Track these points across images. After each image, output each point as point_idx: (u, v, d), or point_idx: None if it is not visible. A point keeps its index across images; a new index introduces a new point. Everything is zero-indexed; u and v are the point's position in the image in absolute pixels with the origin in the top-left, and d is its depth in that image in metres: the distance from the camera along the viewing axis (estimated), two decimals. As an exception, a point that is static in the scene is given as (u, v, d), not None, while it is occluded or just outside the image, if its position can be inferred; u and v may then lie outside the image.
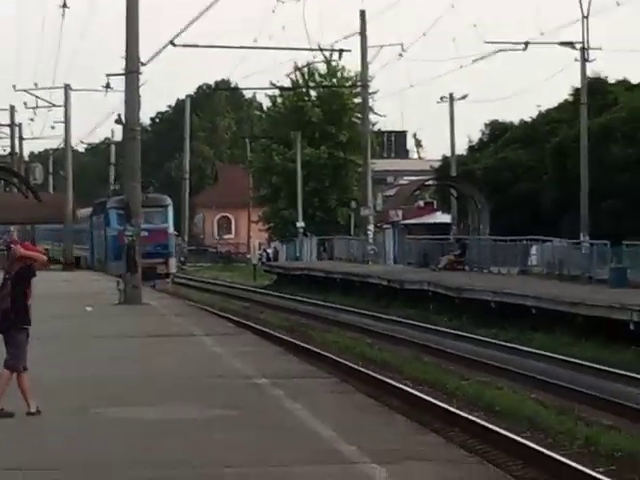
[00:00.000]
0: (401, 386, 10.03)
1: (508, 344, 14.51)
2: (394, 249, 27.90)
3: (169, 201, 28.76)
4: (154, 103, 51.75)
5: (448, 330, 16.78)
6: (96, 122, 45.85)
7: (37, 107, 33.01)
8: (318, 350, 13.66)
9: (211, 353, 10.34)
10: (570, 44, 20.37)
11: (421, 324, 17.56)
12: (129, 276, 17.69)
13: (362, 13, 28.51)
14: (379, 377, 10.89)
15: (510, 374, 11.70)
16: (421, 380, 11.04)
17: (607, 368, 11.28)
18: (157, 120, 54.77)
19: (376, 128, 37.34)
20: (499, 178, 23.13)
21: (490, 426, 7.00)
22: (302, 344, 14.55)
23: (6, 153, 36.70)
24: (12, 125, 36.15)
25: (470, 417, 7.57)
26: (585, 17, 18.99)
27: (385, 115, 37.37)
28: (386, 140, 44.60)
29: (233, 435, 4.37)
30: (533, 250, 20.77)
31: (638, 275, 16.95)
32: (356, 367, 11.83)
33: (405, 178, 39.11)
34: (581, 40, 20.04)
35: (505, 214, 21.64)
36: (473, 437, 6.82)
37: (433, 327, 17.06)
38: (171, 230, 27.79)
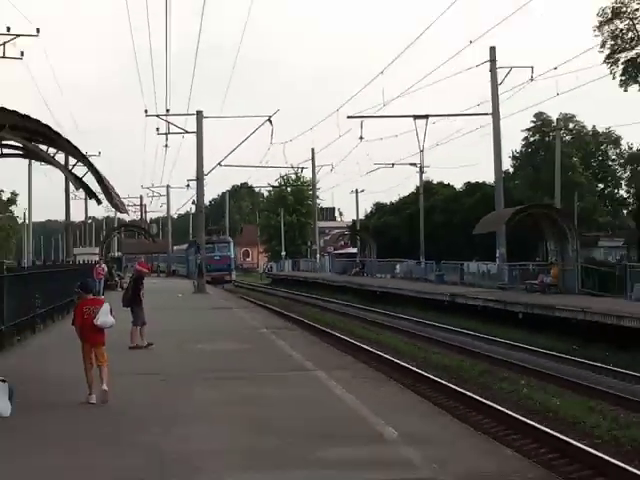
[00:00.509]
0: (333, 332, 18.94)
1: (388, 312, 26.60)
2: (330, 265, 54.61)
3: (230, 239, 54.47)
4: (210, 193, 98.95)
5: (354, 305, 30.99)
6: (182, 203, 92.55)
7: (153, 196, 67.92)
8: (292, 315, 25.10)
9: (240, 317, 19.75)
10: (414, 164, 41.05)
11: (340, 301, 33.61)
12: (199, 279, 33.69)
13: (312, 150, 56.11)
14: (322, 328, 20.02)
15: (384, 327, 22.04)
16: (343, 329, 20.93)
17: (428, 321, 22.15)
18: (212, 203, 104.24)
19: (320, 206, 73.12)
20: (381, 230, 46.88)
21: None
22: (284, 312, 26.64)
23: (138, 218, 75.14)
24: (141, 205, 74.27)
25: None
26: (421, 150, 37.67)
27: (323, 199, 76.46)
28: (324, 211, 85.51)
29: (250, 357, 10.56)
30: (397, 266, 40.38)
31: (450, 278, 31.74)
32: (306, 321, 22.44)
33: (335, 231, 76.68)
34: (419, 162, 40.16)
35: (385, 248, 43.31)
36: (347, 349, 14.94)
37: (345, 302, 32.49)
38: (232, 256, 51.31)
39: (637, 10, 27.80)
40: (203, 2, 64.53)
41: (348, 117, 32.33)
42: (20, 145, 8.08)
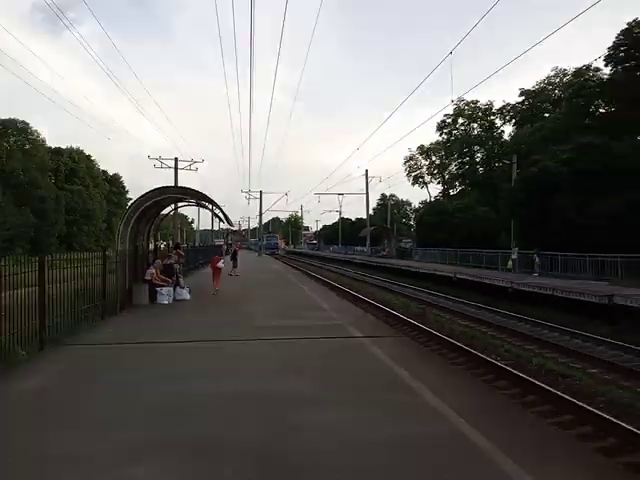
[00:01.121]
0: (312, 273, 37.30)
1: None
2: (305, 246, 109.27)
3: (277, 235, 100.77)
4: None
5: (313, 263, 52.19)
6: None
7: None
8: (293, 261, 56.81)
9: (275, 263, 41.19)
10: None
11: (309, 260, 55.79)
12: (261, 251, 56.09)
13: (301, 207, 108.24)
14: (311, 272, 37.37)
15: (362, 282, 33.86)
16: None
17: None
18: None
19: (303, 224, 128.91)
20: (327, 234, 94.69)
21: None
22: (290, 261, 54.55)
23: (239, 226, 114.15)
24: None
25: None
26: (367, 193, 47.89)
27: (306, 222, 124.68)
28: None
29: (277, 282, 22.88)
30: (331, 247, 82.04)
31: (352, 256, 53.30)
32: (303, 267, 44.12)
33: (309, 234, 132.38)
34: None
35: (330, 241, 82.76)
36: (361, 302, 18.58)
37: (309, 262, 53.25)
38: (277, 242, 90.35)
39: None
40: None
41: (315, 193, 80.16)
42: (194, 201, 18.06)
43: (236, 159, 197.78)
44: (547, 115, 49.65)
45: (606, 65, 36.97)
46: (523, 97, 53.03)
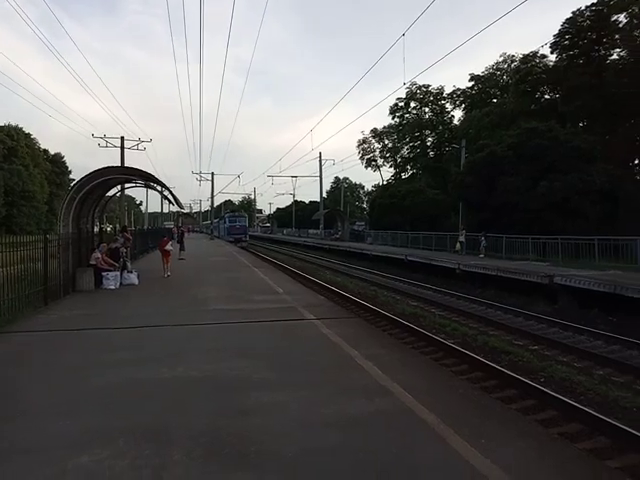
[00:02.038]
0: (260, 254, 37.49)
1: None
2: (258, 229, 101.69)
3: (246, 215, 66.36)
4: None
5: (265, 245, 56.55)
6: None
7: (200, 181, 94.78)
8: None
9: (228, 247, 39.20)
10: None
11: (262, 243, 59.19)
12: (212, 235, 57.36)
13: (254, 190, 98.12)
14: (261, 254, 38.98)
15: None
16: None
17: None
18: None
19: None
20: (279, 216, 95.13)
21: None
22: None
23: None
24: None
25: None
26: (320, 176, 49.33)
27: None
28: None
29: (229, 263, 23.16)
30: (284, 230, 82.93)
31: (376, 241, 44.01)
32: (255, 250, 45.60)
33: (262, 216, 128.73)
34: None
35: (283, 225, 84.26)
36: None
37: (261, 244, 57.92)
38: (247, 225, 60.99)
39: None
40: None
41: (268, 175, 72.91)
42: (142, 183, 17.37)
43: (187, 140, 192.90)
44: (495, 100, 51.03)
45: (552, 52, 38.26)
46: (473, 82, 54.20)
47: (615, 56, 35.91)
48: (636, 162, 38.14)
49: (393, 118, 63.81)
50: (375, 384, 5.61)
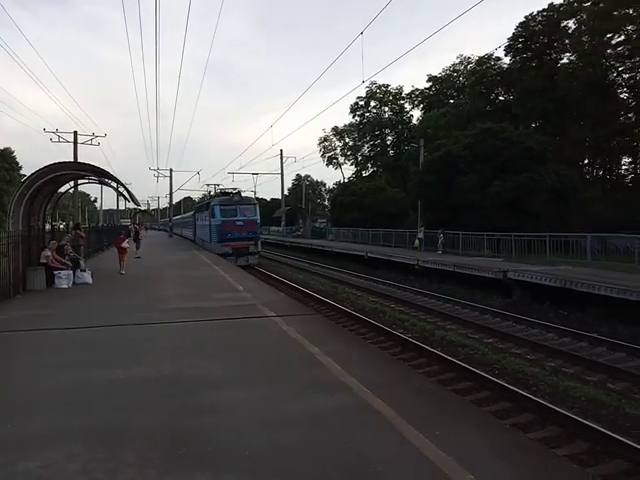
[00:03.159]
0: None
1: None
2: None
3: (256, 201, 31.53)
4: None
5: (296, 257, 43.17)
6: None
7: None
8: None
9: (189, 245, 36.43)
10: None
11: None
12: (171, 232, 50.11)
13: (215, 186, 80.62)
14: None
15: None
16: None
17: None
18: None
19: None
20: None
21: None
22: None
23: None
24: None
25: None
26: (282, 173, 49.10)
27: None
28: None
29: (188, 262, 21.99)
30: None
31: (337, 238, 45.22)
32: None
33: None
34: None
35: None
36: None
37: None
38: (258, 222, 29.40)
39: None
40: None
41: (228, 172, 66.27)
42: (96, 179, 16.75)
43: (143, 135, 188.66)
44: (452, 101, 52.19)
45: (506, 55, 39.44)
46: (431, 83, 55.24)
47: (565, 60, 37.40)
48: (585, 162, 39.81)
49: (354, 117, 64.38)
50: (334, 380, 5.64)
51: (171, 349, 7.13)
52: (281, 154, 55.73)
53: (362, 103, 62.22)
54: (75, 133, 36.79)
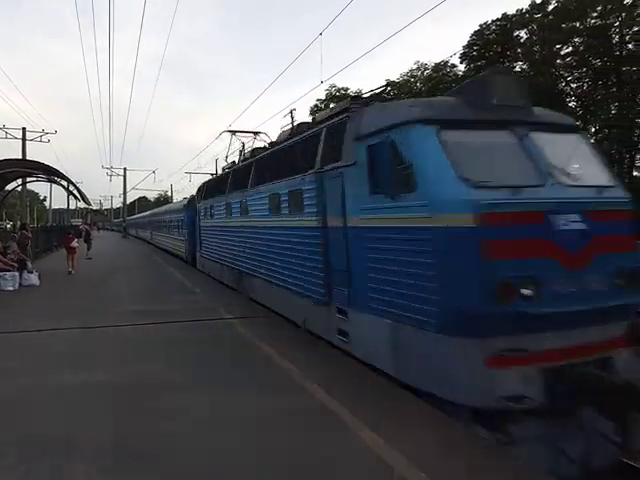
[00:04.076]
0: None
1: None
2: None
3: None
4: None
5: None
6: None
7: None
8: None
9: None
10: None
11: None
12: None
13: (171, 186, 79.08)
14: None
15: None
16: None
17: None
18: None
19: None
20: None
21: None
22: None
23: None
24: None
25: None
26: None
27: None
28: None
29: (140, 262, 22.46)
30: None
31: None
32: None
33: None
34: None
35: None
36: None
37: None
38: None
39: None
40: None
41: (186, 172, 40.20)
42: (45, 177, 16.14)
43: (96, 133, 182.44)
44: (410, 106, 53.19)
45: (461, 62, 40.53)
46: (389, 88, 56.07)
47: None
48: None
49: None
50: (290, 382, 5.61)
51: (122, 353, 6.92)
52: (239, 154, 55.24)
53: (322, 105, 62.41)
54: (24, 130, 35.23)
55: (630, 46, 31.44)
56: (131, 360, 6.56)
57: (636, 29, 30.77)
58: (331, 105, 61.96)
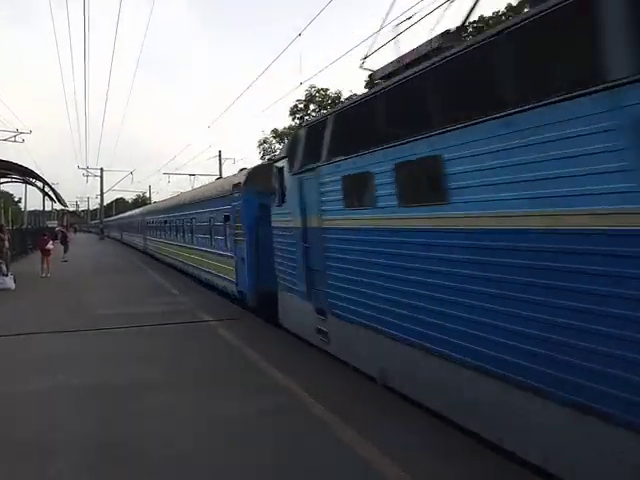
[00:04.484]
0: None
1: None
2: None
3: None
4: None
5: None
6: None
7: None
8: None
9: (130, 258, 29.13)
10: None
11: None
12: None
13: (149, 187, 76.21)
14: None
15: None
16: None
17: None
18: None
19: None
20: None
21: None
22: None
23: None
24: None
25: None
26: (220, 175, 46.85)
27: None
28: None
29: (118, 262, 23.27)
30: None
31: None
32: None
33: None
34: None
35: None
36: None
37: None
38: None
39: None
40: None
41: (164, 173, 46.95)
42: (19, 178, 15.83)
43: (72, 132, 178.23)
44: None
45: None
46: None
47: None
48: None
49: (293, 119, 64.42)
50: (272, 383, 5.63)
51: (100, 356, 6.87)
52: (219, 156, 54.71)
53: (301, 106, 62.41)
54: (-4, 129, 34.50)
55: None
56: (108, 363, 6.49)
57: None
58: (311, 106, 62.13)
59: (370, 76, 6.89)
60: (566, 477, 3.34)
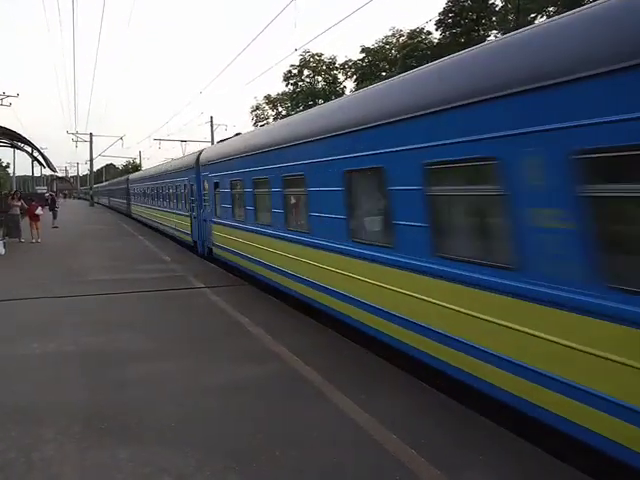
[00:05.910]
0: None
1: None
2: None
3: None
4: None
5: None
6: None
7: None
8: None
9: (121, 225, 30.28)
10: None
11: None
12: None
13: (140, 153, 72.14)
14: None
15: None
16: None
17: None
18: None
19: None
20: None
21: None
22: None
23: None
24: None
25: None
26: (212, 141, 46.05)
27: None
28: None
29: (109, 232, 21.48)
30: None
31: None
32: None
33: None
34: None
35: None
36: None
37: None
38: None
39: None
40: None
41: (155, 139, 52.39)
42: (7, 142, 15.45)
43: (60, 96, 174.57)
44: (384, 73, 52.59)
45: (436, 29, 40.10)
46: (364, 54, 55.22)
47: (492, 37, 38.59)
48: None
49: (287, 85, 63.30)
50: (264, 349, 5.65)
51: (92, 323, 6.83)
52: (211, 122, 53.73)
53: (295, 72, 61.23)
54: (-19, 91, 33.59)
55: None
56: (102, 329, 6.49)
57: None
58: (305, 72, 60.95)
59: None
60: None
